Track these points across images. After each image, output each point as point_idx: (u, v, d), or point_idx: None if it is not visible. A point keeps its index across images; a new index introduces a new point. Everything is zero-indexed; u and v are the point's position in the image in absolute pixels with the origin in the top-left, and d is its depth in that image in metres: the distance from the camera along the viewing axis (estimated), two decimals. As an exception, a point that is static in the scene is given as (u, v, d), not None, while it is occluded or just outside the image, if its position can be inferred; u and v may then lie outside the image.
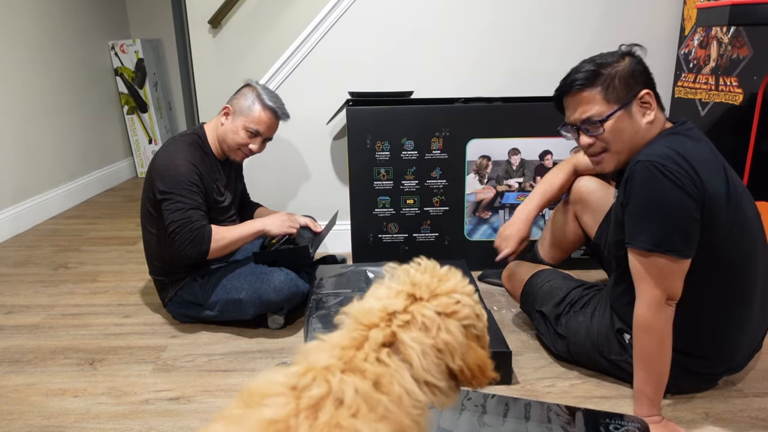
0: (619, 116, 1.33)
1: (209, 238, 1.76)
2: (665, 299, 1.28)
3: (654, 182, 1.24)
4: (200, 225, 1.75)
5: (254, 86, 1.91)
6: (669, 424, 1.34)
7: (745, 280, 1.35)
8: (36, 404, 1.51)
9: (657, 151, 1.27)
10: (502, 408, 1.32)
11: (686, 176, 1.23)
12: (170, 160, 1.79)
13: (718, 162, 1.31)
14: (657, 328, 1.29)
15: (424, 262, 0.88)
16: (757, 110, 1.93)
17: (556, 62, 2.43)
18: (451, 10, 2.40)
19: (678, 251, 1.25)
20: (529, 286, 1.74)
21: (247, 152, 1.92)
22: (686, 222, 1.24)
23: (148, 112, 4.16)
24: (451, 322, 0.79)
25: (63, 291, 2.25)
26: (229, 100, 1.93)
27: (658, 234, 1.25)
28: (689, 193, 1.23)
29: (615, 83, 1.32)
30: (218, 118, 1.92)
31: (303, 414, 0.67)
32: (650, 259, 1.27)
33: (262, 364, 1.69)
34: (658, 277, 1.27)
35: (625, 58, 1.34)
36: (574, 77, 1.36)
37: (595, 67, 1.34)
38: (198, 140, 1.89)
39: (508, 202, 2.32)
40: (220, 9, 2.79)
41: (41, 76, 3.24)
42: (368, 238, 2.35)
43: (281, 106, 1.92)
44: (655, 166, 1.24)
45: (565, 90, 1.39)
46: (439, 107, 2.24)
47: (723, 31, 2.14)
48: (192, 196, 1.76)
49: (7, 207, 2.94)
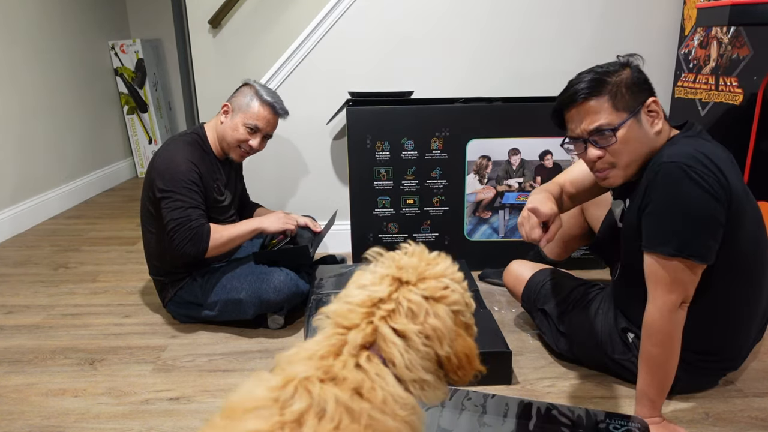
0: (630, 125, 1.27)
1: (208, 237, 1.76)
2: (679, 304, 1.25)
3: (680, 184, 1.20)
4: (199, 223, 1.75)
5: (252, 84, 1.92)
6: (669, 425, 1.33)
7: (761, 279, 1.35)
8: (36, 404, 1.51)
9: (681, 152, 1.22)
10: (502, 408, 1.32)
11: (713, 177, 1.20)
12: (170, 159, 1.79)
13: (733, 161, 1.29)
14: (667, 333, 1.27)
15: (412, 246, 0.84)
16: (757, 110, 1.93)
17: (556, 62, 2.44)
18: (451, 10, 2.40)
19: (700, 256, 1.22)
20: (530, 284, 1.74)
21: (247, 149, 1.91)
22: (711, 226, 1.21)
23: (148, 112, 4.16)
24: (439, 306, 0.77)
25: (63, 291, 2.25)
26: (228, 99, 1.93)
27: (681, 238, 1.21)
28: (716, 195, 1.20)
29: (622, 91, 1.27)
30: (218, 117, 1.93)
31: (287, 428, 0.66)
32: (670, 263, 1.23)
33: (262, 364, 1.69)
34: (674, 282, 1.24)
35: (625, 68, 1.30)
36: (577, 88, 1.29)
37: (598, 75, 1.28)
38: (198, 139, 1.89)
39: (508, 202, 2.32)
40: (220, 9, 2.79)
41: (41, 76, 3.24)
42: (368, 238, 2.34)
43: (279, 102, 1.93)
44: (681, 168, 1.20)
45: (567, 102, 1.32)
46: (439, 107, 2.24)
47: (723, 31, 2.14)
48: (191, 195, 1.77)
49: (7, 207, 2.94)
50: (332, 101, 2.44)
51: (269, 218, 1.90)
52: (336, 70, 2.44)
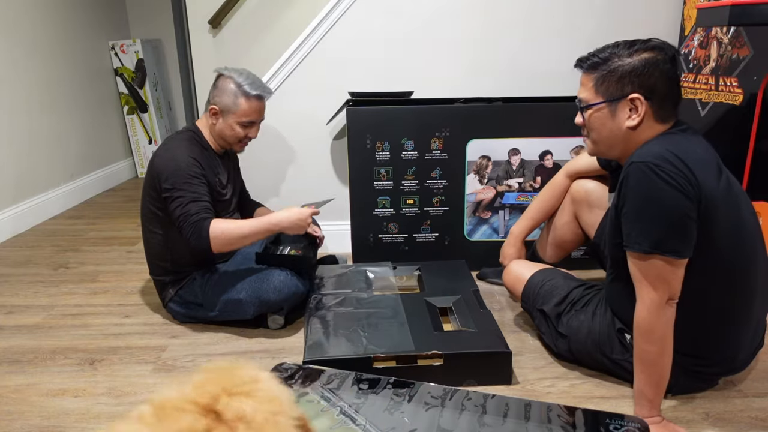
0: (600, 110, 1.36)
1: (207, 231, 1.71)
2: (665, 300, 1.27)
3: (648, 183, 1.24)
4: (198, 218, 1.72)
5: (228, 76, 1.85)
6: (669, 425, 1.34)
7: (746, 280, 1.34)
8: (36, 404, 1.51)
9: (650, 152, 1.26)
10: (502, 408, 1.32)
11: (681, 176, 1.23)
12: (169, 158, 1.79)
13: (713, 161, 1.30)
14: (658, 330, 1.28)
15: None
16: (757, 110, 1.93)
17: (556, 62, 2.44)
18: (451, 10, 2.40)
19: (676, 252, 1.25)
20: (529, 285, 1.74)
21: (247, 142, 1.95)
22: (683, 222, 1.24)
23: (148, 112, 4.16)
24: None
25: (63, 291, 2.25)
26: (212, 98, 1.88)
27: (656, 235, 1.25)
28: (685, 192, 1.22)
29: (610, 77, 1.33)
30: (206, 117, 1.91)
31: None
32: (649, 261, 1.26)
33: (262, 364, 1.69)
34: (657, 278, 1.27)
35: (641, 55, 1.30)
36: (585, 57, 1.38)
37: (604, 55, 1.34)
38: (195, 136, 1.89)
39: (508, 202, 2.32)
40: (220, 9, 2.79)
41: (41, 76, 3.24)
42: (368, 238, 2.35)
43: (261, 86, 1.87)
44: (649, 167, 1.24)
45: (576, 65, 1.43)
46: (439, 107, 2.24)
47: (723, 31, 2.14)
48: (192, 188, 1.75)
49: (7, 207, 2.94)
50: (332, 101, 2.44)
51: (290, 219, 1.78)
52: (336, 70, 2.44)
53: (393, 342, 1.61)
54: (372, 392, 1.38)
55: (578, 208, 1.83)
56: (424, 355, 1.56)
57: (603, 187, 1.77)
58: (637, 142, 1.34)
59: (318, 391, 1.38)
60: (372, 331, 1.67)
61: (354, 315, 1.78)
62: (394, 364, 1.55)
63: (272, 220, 1.78)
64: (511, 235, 1.97)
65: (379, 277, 2.09)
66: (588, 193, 1.79)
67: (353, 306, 1.84)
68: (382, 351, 1.56)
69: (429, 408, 1.32)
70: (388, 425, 1.26)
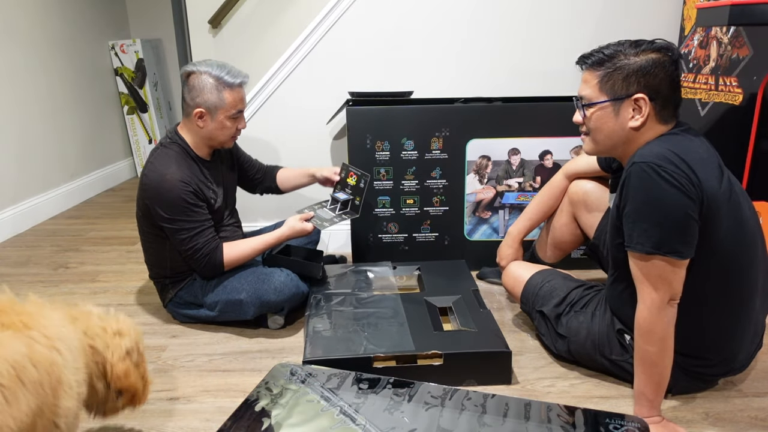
0: (604, 108, 1.34)
1: (220, 262, 1.82)
2: (667, 301, 1.27)
3: (650, 183, 1.23)
4: (209, 249, 1.79)
5: (202, 71, 1.77)
6: (669, 424, 1.34)
7: (746, 280, 1.34)
8: (36, 404, 1.51)
9: (652, 152, 1.26)
10: (502, 408, 1.32)
11: (683, 176, 1.22)
12: (159, 182, 1.74)
13: (714, 161, 1.30)
14: (659, 331, 1.28)
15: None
16: (757, 110, 1.93)
17: (556, 62, 2.44)
18: (451, 10, 2.40)
19: (678, 252, 1.24)
20: (529, 286, 1.74)
21: (237, 135, 1.90)
22: (685, 222, 1.23)
23: (148, 112, 4.16)
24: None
25: (63, 291, 2.25)
26: (191, 101, 1.79)
27: (657, 236, 1.24)
28: (686, 192, 1.22)
29: (615, 75, 1.31)
30: (191, 121, 1.81)
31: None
32: (650, 261, 1.26)
33: (262, 364, 1.69)
34: (659, 279, 1.26)
35: (648, 55, 1.29)
36: (589, 54, 1.36)
37: (609, 52, 1.32)
38: (181, 150, 1.82)
39: (508, 202, 2.32)
40: (220, 9, 2.78)
41: (41, 76, 3.24)
42: (368, 238, 2.35)
43: (238, 73, 1.80)
44: (651, 167, 1.23)
45: (579, 62, 1.41)
46: (439, 107, 2.24)
47: (723, 31, 2.14)
48: (193, 217, 1.77)
49: (7, 207, 2.94)
50: (332, 101, 2.44)
51: (293, 229, 1.88)
52: (336, 70, 2.44)
53: (393, 342, 1.61)
54: (372, 392, 1.38)
55: (576, 209, 1.83)
56: (424, 354, 1.56)
57: (601, 188, 1.77)
58: (638, 143, 1.34)
59: (318, 391, 1.38)
60: (372, 331, 1.67)
61: (354, 315, 1.78)
62: (394, 364, 1.56)
63: (276, 235, 1.89)
64: (509, 236, 1.97)
65: (379, 276, 2.09)
66: (586, 194, 1.79)
67: (353, 306, 1.84)
68: (382, 351, 1.56)
69: (429, 408, 1.32)
70: (388, 425, 1.26)
